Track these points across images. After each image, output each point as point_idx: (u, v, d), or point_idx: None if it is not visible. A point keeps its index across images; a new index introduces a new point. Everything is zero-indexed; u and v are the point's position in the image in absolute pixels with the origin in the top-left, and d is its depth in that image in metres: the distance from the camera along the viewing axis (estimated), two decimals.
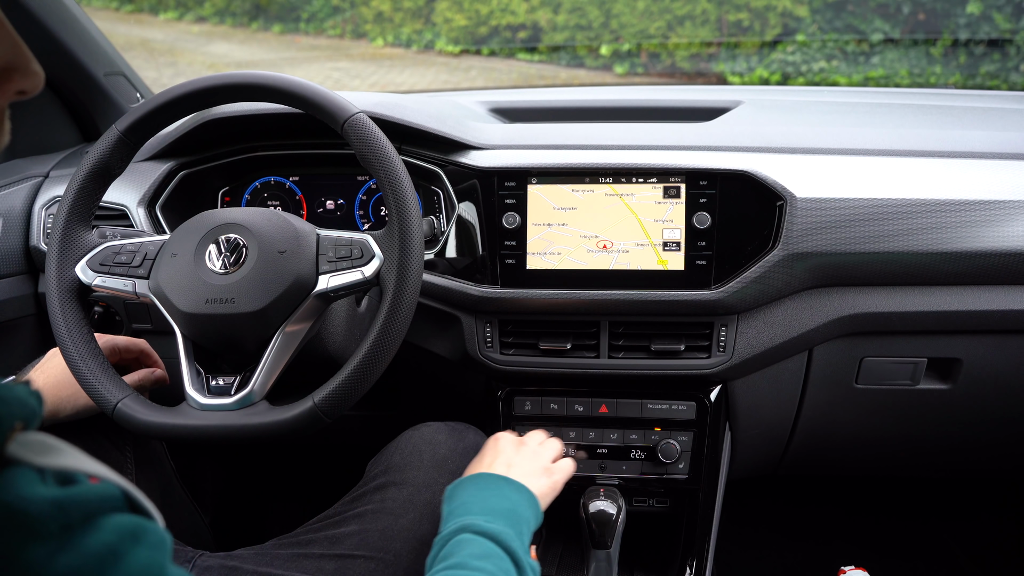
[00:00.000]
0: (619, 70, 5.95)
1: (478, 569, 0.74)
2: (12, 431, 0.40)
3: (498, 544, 0.78)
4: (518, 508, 0.84)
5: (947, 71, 4.82)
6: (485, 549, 0.77)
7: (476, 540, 0.77)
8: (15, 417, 0.40)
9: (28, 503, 0.37)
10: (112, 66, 1.49)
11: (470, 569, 0.74)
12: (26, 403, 0.41)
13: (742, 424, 1.22)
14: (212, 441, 0.90)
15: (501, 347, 1.15)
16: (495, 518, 0.81)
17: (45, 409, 0.97)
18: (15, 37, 0.44)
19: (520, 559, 0.78)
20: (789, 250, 1.07)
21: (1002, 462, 1.39)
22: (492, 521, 0.80)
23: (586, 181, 1.11)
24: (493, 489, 0.86)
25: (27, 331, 1.30)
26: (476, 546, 0.77)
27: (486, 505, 0.83)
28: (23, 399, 0.41)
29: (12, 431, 0.40)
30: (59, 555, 0.37)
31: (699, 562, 1.17)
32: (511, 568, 0.77)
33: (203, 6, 8.50)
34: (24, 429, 0.41)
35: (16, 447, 0.40)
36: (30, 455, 0.40)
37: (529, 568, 0.80)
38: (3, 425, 0.39)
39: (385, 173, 0.91)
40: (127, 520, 0.40)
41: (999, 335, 1.14)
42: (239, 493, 1.77)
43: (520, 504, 0.85)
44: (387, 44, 7.22)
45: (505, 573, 0.76)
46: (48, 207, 1.28)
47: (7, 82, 0.44)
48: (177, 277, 0.91)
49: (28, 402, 0.41)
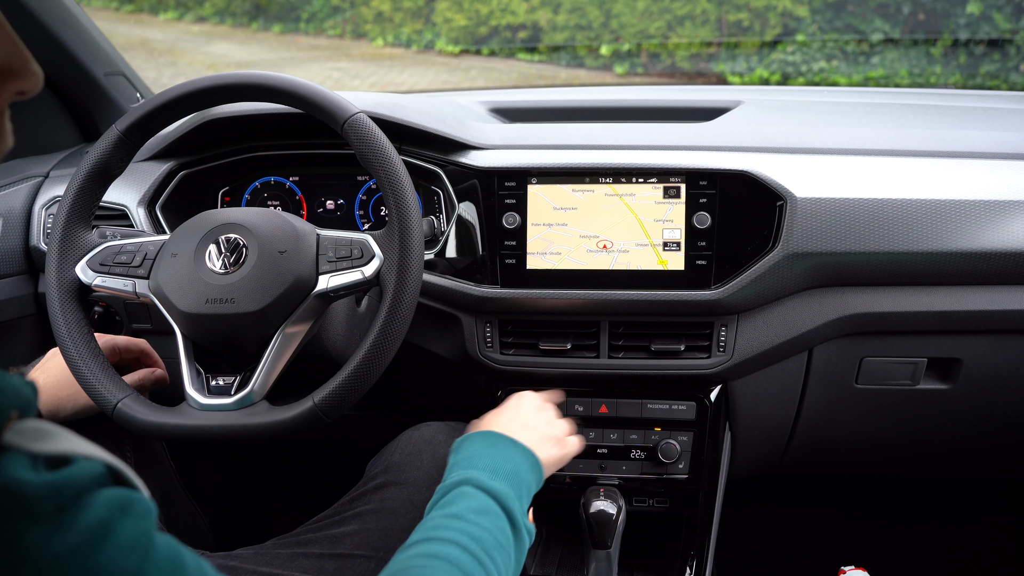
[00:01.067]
0: (619, 70, 5.95)
1: (475, 523, 0.75)
2: (9, 420, 0.41)
3: (497, 502, 0.79)
4: (521, 471, 0.86)
5: (947, 71, 4.82)
6: (484, 505, 0.78)
7: (476, 495, 0.79)
8: (11, 406, 0.41)
9: (26, 486, 0.38)
10: (112, 66, 1.49)
11: (467, 521, 0.75)
12: (21, 392, 0.42)
13: (742, 424, 1.22)
14: (212, 441, 0.90)
15: (501, 347, 1.16)
16: (498, 477, 0.82)
17: (45, 409, 0.97)
18: (13, 37, 0.44)
19: (517, 520, 0.80)
20: (789, 250, 1.07)
21: (1002, 462, 1.39)
22: (494, 479, 0.81)
23: (586, 181, 1.11)
24: (500, 448, 0.87)
25: (27, 331, 1.30)
26: (475, 501, 0.78)
27: (491, 463, 0.84)
28: (19, 388, 0.42)
29: (9, 420, 0.41)
30: (55, 536, 0.38)
31: (699, 562, 1.17)
32: (507, 528, 0.78)
33: (203, 6, 8.50)
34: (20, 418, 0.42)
35: (12, 435, 0.40)
36: (25, 442, 0.41)
37: (525, 530, 0.81)
38: (1, 414, 0.40)
39: (385, 173, 0.91)
40: (114, 494, 0.42)
41: (999, 335, 1.14)
42: (239, 493, 1.77)
43: (524, 468, 0.87)
44: (387, 44, 7.22)
45: (501, 532, 0.77)
46: (48, 207, 1.28)
47: (6, 82, 0.44)
48: (177, 277, 0.91)
49: (23, 392, 0.42)
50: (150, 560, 0.41)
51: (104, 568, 0.39)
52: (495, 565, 0.74)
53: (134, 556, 0.40)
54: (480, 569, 0.71)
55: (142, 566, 0.41)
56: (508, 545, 0.78)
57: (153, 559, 0.41)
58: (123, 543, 0.40)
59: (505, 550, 0.77)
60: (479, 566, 0.72)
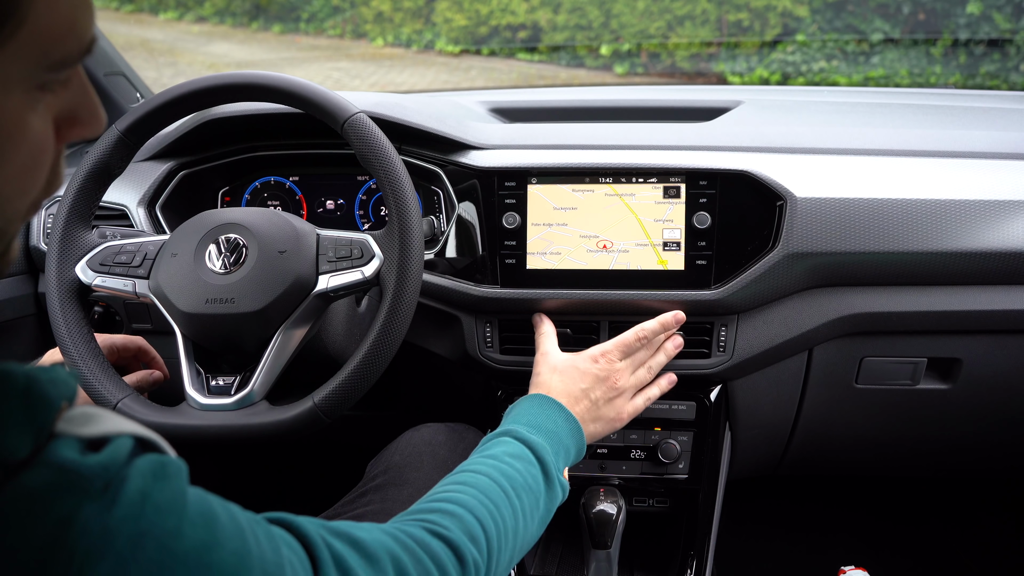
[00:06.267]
0: (619, 70, 5.96)
1: (508, 464, 0.80)
2: (61, 410, 0.44)
3: (532, 452, 0.83)
4: (561, 433, 0.89)
5: (947, 71, 4.82)
6: (519, 451, 0.82)
7: (513, 443, 0.83)
8: (62, 397, 0.44)
9: (80, 465, 0.42)
10: (112, 66, 1.48)
11: (500, 461, 0.80)
12: (70, 384, 0.45)
13: (742, 424, 1.22)
14: (212, 441, 0.90)
15: (501, 347, 1.15)
16: (537, 432, 0.86)
17: None
18: (87, 87, 0.45)
19: (550, 471, 0.83)
20: (789, 250, 1.07)
21: (1002, 462, 1.39)
22: (533, 432, 0.86)
23: (586, 181, 1.11)
24: (546, 411, 0.91)
25: (27, 331, 1.30)
26: (512, 447, 0.83)
27: (534, 420, 0.88)
28: (67, 380, 0.45)
29: (61, 410, 0.44)
30: (106, 510, 0.41)
31: (699, 562, 1.17)
32: (539, 475, 0.82)
33: (203, 6, 8.50)
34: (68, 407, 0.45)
35: (63, 423, 0.44)
36: (75, 428, 0.44)
37: (559, 483, 0.84)
38: (55, 406, 0.43)
39: (385, 173, 0.91)
40: (146, 462, 0.45)
41: (999, 335, 1.14)
42: (239, 493, 1.76)
43: (565, 431, 0.90)
44: (387, 44, 7.23)
45: (532, 477, 0.81)
46: (48, 207, 1.27)
47: (71, 128, 0.45)
48: (177, 277, 0.91)
49: (70, 383, 0.46)
50: (186, 518, 0.44)
51: (147, 532, 0.42)
52: (521, 504, 0.77)
53: (172, 517, 0.44)
54: (506, 501, 0.75)
55: (180, 525, 0.44)
56: (538, 491, 0.81)
57: (188, 516, 0.45)
58: (161, 506, 0.43)
59: (534, 494, 0.80)
60: (505, 498, 0.75)
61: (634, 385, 1.00)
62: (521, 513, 0.76)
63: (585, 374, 0.97)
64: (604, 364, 0.98)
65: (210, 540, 0.45)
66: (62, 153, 0.46)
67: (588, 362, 0.98)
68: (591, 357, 0.99)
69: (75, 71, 0.44)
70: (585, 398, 0.96)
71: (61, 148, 0.46)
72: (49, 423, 0.43)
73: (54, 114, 0.44)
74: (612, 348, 1.00)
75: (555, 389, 0.95)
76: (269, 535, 0.51)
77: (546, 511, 0.82)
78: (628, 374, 1.00)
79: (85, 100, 0.45)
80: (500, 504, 0.74)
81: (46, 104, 0.43)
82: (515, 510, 0.75)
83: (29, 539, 0.39)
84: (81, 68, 0.45)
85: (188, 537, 0.44)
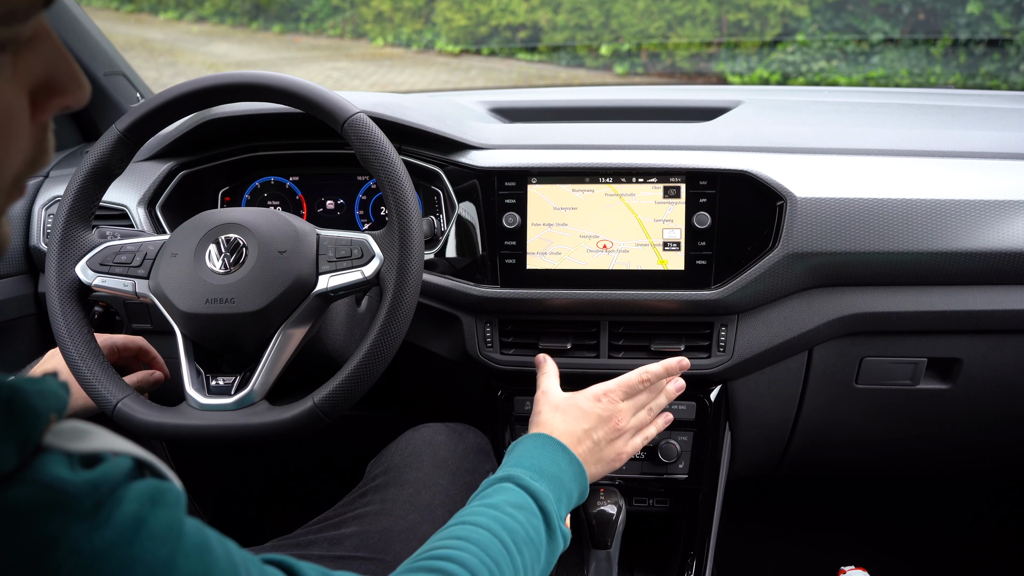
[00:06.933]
0: (619, 70, 5.95)
1: (509, 515, 0.76)
2: (49, 423, 0.42)
3: (535, 501, 0.80)
4: (564, 478, 0.86)
5: (947, 71, 4.82)
6: (521, 500, 0.79)
7: (515, 491, 0.80)
8: (51, 409, 0.42)
9: (67, 484, 0.40)
10: (112, 66, 1.48)
11: (501, 512, 0.76)
12: (59, 395, 0.43)
13: (742, 424, 1.22)
14: (212, 441, 0.90)
15: (501, 347, 1.15)
16: (540, 478, 0.83)
17: None
18: (61, 49, 0.42)
19: (553, 521, 0.80)
20: (789, 250, 1.07)
21: (1002, 462, 1.39)
22: (537, 479, 0.82)
23: (586, 181, 1.11)
24: (550, 453, 0.88)
25: (27, 331, 1.30)
26: (514, 495, 0.80)
27: (537, 464, 0.85)
28: (56, 392, 0.43)
29: (49, 423, 0.42)
30: (94, 531, 0.40)
31: (699, 562, 1.17)
32: (541, 526, 0.79)
33: (203, 6, 8.50)
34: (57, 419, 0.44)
35: (52, 437, 0.42)
36: (64, 442, 0.42)
37: (560, 533, 0.81)
38: (42, 418, 0.42)
39: (385, 173, 0.91)
40: (144, 486, 0.43)
41: (999, 335, 1.14)
42: (239, 493, 1.77)
43: (568, 475, 0.87)
44: (387, 44, 7.23)
45: (534, 529, 0.78)
46: (48, 207, 1.28)
47: (52, 97, 0.42)
48: (177, 277, 0.91)
49: (60, 394, 0.44)
50: (181, 549, 0.43)
51: (139, 559, 0.41)
52: (522, 558, 0.74)
53: (166, 546, 0.42)
54: (507, 558, 0.72)
55: (174, 555, 0.42)
56: (540, 543, 0.78)
57: (184, 547, 0.43)
58: (156, 534, 0.42)
59: (535, 547, 0.77)
60: (506, 554, 0.72)
61: (635, 427, 0.97)
62: (522, 568, 0.74)
63: (588, 414, 0.94)
64: (607, 404, 0.95)
65: (204, 574, 0.43)
66: (48, 127, 0.43)
67: (591, 401, 0.95)
68: (593, 396, 0.95)
69: (42, 32, 0.41)
70: (588, 439, 0.92)
71: (46, 122, 0.43)
72: (36, 435, 0.41)
73: (29, 83, 0.41)
74: (615, 388, 0.96)
75: (557, 429, 0.92)
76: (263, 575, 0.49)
77: (547, 563, 0.80)
78: (630, 415, 0.97)
79: (61, 64, 0.42)
80: (501, 561, 0.71)
81: (13, 68, 0.40)
82: (515, 566, 0.73)
83: (11, 556, 0.38)
84: (54, 33, 0.42)
85: (182, 569, 0.42)
